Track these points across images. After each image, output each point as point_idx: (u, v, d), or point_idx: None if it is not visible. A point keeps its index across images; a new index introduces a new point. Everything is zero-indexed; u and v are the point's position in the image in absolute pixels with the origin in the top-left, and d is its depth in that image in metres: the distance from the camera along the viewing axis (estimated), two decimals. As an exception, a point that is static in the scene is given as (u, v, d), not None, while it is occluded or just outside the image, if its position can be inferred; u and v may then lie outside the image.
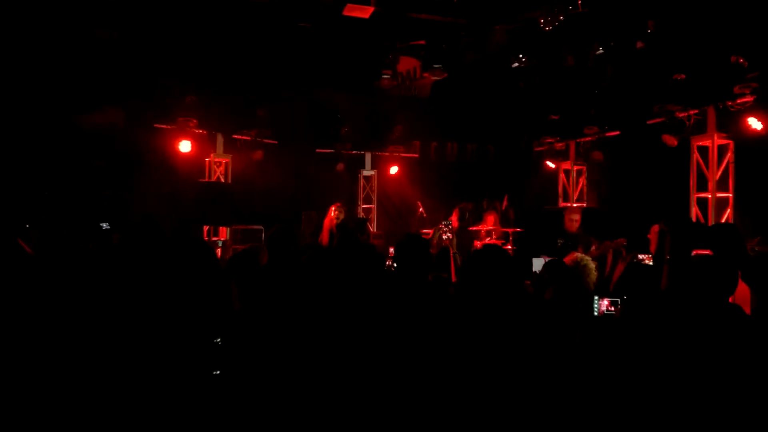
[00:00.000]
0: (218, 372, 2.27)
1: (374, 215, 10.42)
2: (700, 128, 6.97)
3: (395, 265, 2.93)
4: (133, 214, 6.88)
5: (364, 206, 10.46)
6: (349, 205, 10.21)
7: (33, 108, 6.50)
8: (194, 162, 8.50)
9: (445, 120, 9.97)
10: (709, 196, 6.85)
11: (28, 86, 6.41)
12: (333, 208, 6.82)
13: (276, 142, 9.24)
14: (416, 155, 10.47)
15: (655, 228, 4.28)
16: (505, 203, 9.03)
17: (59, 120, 6.73)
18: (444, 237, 4.71)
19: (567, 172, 9.82)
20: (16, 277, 2.67)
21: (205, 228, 8.24)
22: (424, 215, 9.29)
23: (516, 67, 8.13)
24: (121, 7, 6.57)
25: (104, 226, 4.28)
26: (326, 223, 6.75)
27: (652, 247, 4.29)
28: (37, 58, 6.37)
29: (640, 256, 4.78)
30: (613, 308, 3.57)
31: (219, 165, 8.94)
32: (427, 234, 8.33)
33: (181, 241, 2.63)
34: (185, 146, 8.13)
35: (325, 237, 6.65)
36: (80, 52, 6.62)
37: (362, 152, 10.35)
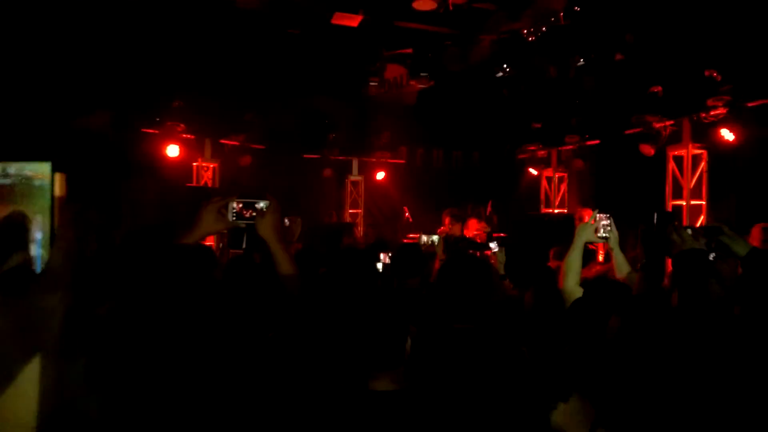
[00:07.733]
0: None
1: (361, 220, 10.54)
2: (676, 138, 7.25)
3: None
4: (123, 220, 6.88)
5: (352, 211, 10.59)
6: (337, 210, 10.35)
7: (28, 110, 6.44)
8: (182, 167, 8.54)
9: (431, 127, 10.15)
10: (684, 204, 7.12)
11: (22, 87, 6.36)
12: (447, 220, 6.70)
13: (264, 147, 9.33)
14: (403, 161, 10.63)
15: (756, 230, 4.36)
16: (489, 209, 9.22)
17: (51, 122, 6.71)
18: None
19: (549, 179, 10.06)
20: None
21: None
22: (410, 220, 9.45)
23: (500, 76, 8.35)
24: (110, 12, 6.61)
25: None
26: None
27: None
28: (33, 61, 6.36)
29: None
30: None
31: (207, 170, 8.99)
32: (414, 239, 8.51)
33: (180, 247, 2.68)
34: (173, 151, 8.18)
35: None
36: (71, 55, 6.63)
37: (349, 158, 10.49)
